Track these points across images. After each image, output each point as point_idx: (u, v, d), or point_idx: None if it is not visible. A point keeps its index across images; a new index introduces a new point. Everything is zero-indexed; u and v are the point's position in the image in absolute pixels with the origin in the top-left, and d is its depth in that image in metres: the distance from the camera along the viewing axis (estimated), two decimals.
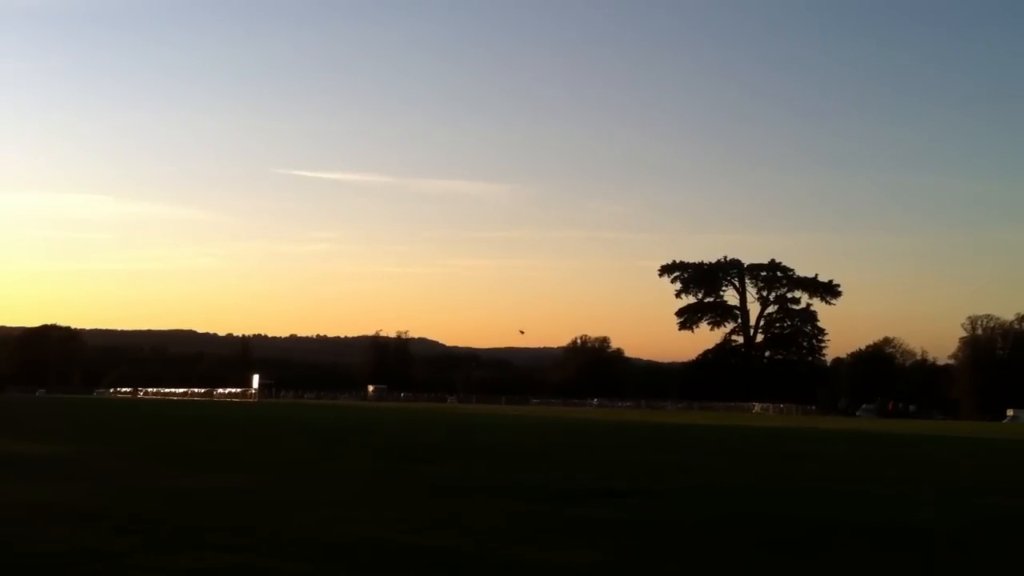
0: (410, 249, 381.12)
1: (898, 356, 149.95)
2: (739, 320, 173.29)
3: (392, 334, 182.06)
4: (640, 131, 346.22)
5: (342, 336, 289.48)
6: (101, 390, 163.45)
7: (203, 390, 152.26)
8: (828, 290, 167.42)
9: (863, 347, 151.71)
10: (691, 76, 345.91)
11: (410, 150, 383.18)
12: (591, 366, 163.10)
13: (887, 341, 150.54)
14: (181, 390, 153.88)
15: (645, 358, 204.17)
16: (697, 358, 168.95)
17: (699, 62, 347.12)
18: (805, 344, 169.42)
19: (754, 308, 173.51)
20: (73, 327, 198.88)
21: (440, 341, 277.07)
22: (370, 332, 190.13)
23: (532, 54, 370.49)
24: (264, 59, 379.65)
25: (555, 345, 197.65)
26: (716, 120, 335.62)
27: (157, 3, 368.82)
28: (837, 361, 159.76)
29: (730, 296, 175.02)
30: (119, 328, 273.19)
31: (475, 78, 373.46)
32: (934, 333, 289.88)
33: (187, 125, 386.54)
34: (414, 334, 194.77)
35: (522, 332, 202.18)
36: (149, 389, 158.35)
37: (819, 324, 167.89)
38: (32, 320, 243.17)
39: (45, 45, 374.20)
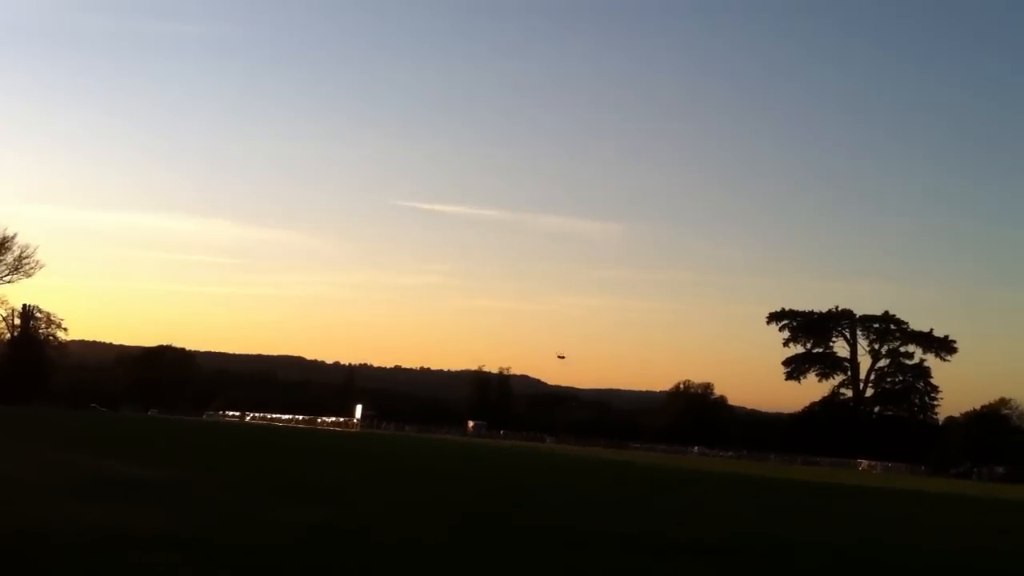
0: (517, 285, 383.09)
1: (1015, 418, 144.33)
2: (848, 373, 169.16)
3: (494, 370, 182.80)
4: (754, 173, 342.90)
5: (445, 369, 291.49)
6: (210, 412, 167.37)
7: (307, 417, 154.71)
8: (943, 345, 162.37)
9: (978, 407, 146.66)
10: (810, 115, 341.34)
11: (523, 185, 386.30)
12: (693, 412, 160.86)
13: (1003, 401, 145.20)
14: (286, 416, 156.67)
15: (749, 407, 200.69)
16: (803, 410, 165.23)
17: (818, 100, 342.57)
18: (917, 401, 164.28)
19: (864, 361, 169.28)
20: (188, 348, 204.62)
21: (541, 379, 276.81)
22: (473, 366, 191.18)
23: (647, 92, 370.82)
24: (384, 88, 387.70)
25: (657, 389, 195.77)
26: (831, 163, 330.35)
27: (285, 30, 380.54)
28: (950, 420, 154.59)
29: (840, 347, 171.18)
30: (231, 351, 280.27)
31: (591, 115, 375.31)
32: None
33: (307, 152, 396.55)
34: (516, 371, 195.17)
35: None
36: (256, 413, 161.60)
37: (932, 381, 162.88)
38: (149, 340, 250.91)
39: (173, 69, 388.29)
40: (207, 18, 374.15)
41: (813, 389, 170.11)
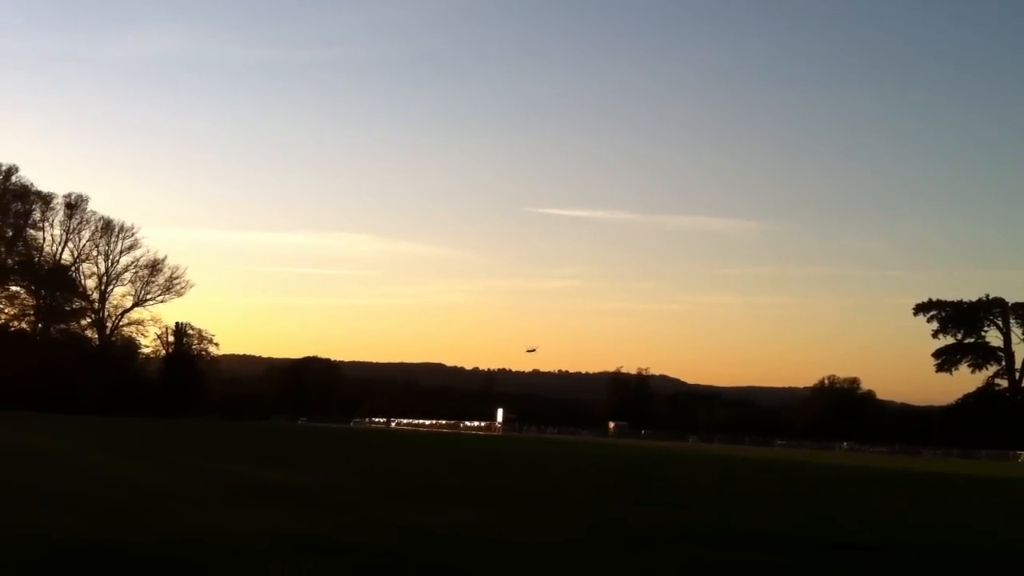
0: (653, 285, 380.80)
1: None
2: (1003, 363, 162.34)
3: (633, 371, 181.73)
4: (893, 164, 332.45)
5: (583, 372, 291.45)
6: (357, 419, 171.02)
7: (450, 422, 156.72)
8: None
9: None
10: (950, 107, 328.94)
11: (655, 186, 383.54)
12: (840, 407, 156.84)
13: None
14: (430, 421, 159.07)
15: (899, 401, 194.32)
16: (957, 402, 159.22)
17: (963, 83, 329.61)
18: None
19: (1020, 350, 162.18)
20: (333, 359, 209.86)
21: (680, 378, 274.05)
22: (611, 368, 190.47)
23: (778, 89, 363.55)
24: (510, 98, 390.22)
25: (800, 385, 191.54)
26: (973, 152, 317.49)
27: (414, 48, 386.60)
28: None
29: (993, 337, 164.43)
30: (374, 360, 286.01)
31: (722, 113, 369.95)
32: None
33: (440, 166, 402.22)
34: (655, 371, 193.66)
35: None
36: (401, 420, 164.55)
37: None
38: (297, 352, 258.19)
39: (311, 96, 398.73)
40: (336, 41, 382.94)
41: (966, 380, 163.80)
